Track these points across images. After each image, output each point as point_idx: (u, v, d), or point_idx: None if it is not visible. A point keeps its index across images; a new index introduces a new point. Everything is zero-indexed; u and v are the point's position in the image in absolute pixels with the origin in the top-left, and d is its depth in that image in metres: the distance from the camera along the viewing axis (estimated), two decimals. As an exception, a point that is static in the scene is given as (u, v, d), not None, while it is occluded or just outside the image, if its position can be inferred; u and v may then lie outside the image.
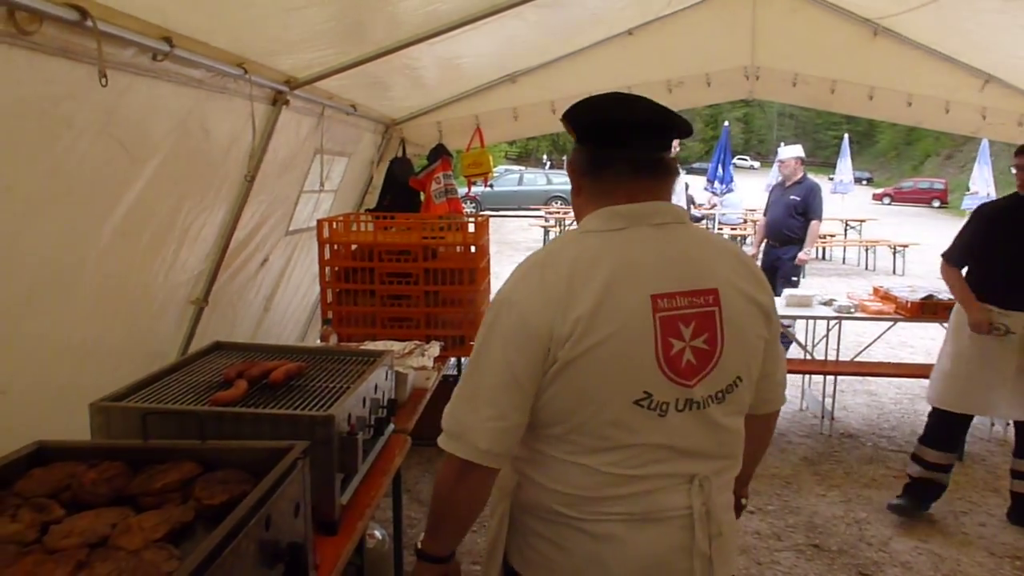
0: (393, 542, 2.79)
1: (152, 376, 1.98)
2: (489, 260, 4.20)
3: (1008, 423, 4.78)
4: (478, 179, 5.44)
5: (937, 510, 3.89)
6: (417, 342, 3.39)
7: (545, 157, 39.62)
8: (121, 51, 2.00)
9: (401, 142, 5.24)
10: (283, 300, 4.19)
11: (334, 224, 3.78)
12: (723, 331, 1.35)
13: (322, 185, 4.07)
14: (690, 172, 27.95)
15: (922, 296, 4.88)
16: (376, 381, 2.17)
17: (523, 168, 29.31)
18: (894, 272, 13.62)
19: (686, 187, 10.47)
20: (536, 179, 25.80)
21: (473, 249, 3.81)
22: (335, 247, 3.79)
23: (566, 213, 16.73)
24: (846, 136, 18.54)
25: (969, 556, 3.53)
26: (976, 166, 14.29)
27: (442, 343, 3.53)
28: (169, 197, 2.54)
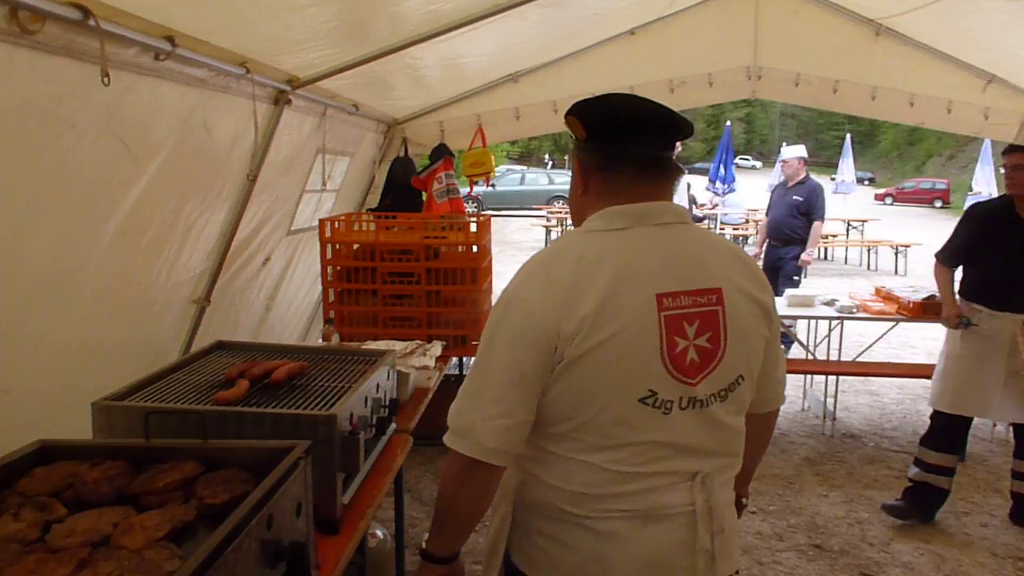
0: (395, 542, 2.79)
1: (154, 375, 1.98)
2: (491, 260, 4.20)
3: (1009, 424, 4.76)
4: (480, 179, 5.45)
5: (939, 511, 3.88)
6: (419, 342, 3.40)
7: (547, 157, 39.62)
8: (124, 50, 2.00)
9: (403, 142, 5.24)
10: (285, 299, 4.20)
11: (336, 224, 3.78)
12: (726, 330, 1.36)
13: (324, 185, 4.08)
14: (692, 172, 27.89)
15: (924, 296, 4.87)
16: (378, 381, 2.16)
17: (525, 168, 29.28)
18: (896, 272, 13.61)
19: (688, 187, 10.48)
20: (538, 179, 25.79)
21: (475, 249, 3.81)
22: (337, 247, 3.79)
23: (568, 213, 16.64)
24: (848, 136, 18.49)
25: (971, 557, 3.52)
26: (978, 166, 14.22)
27: (444, 343, 3.53)
28: (171, 196, 2.54)
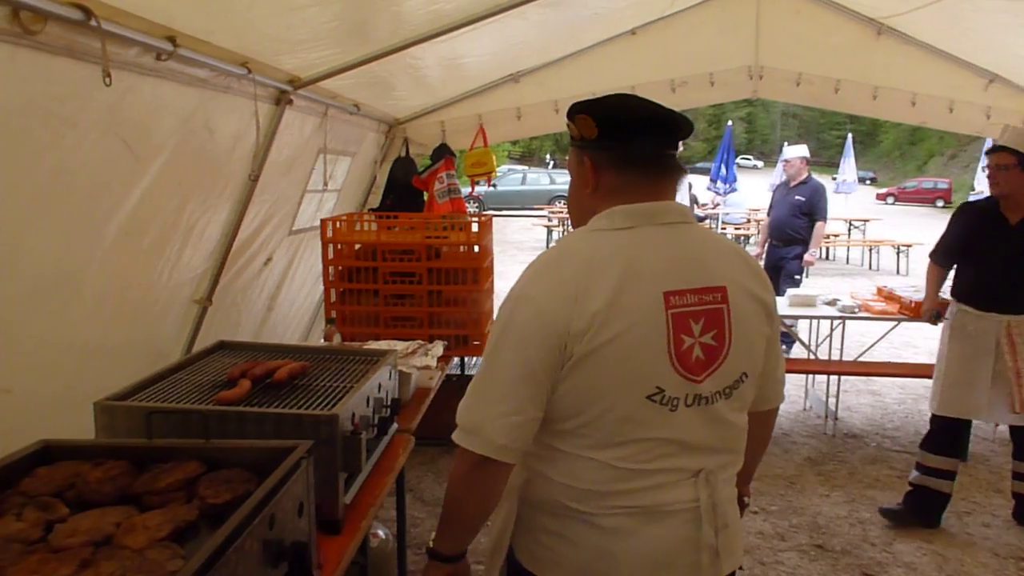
0: (396, 541, 2.79)
1: (156, 375, 1.98)
2: (492, 260, 4.20)
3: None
4: (481, 179, 5.45)
5: (942, 515, 3.86)
6: (420, 342, 3.40)
7: (548, 157, 39.60)
8: (125, 51, 2.00)
9: (404, 142, 5.24)
10: (287, 299, 4.20)
11: (338, 223, 3.79)
12: (731, 328, 1.37)
13: (325, 185, 4.08)
14: (693, 172, 27.86)
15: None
16: (379, 380, 2.16)
17: (526, 168, 29.30)
18: (898, 272, 13.59)
19: (689, 187, 10.48)
20: (539, 179, 25.79)
21: (476, 249, 3.81)
22: (338, 246, 3.80)
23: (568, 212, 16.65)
24: (849, 136, 18.44)
25: (973, 557, 3.52)
26: (980, 166, 14.22)
27: (445, 343, 3.53)
28: (173, 196, 2.54)
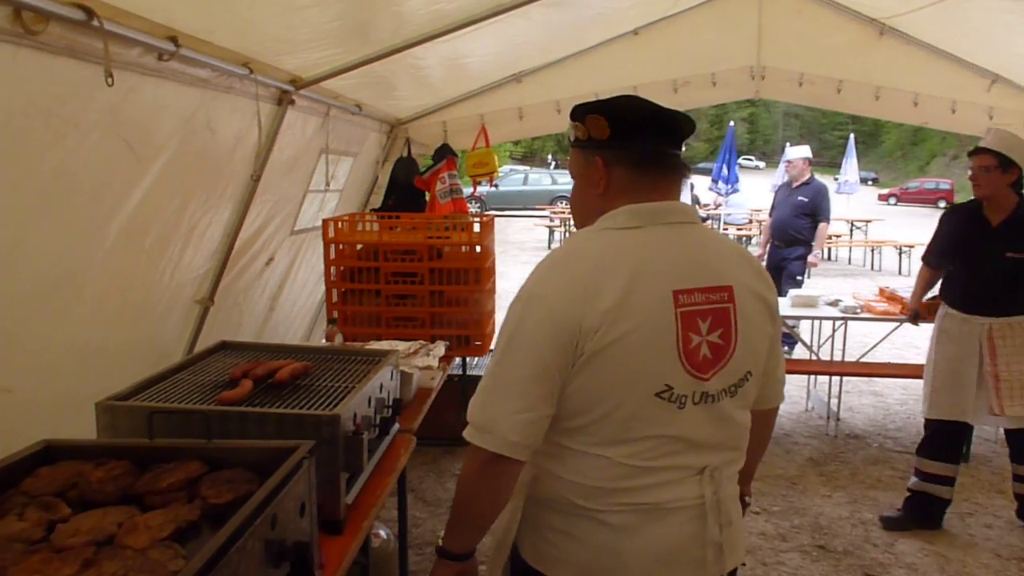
0: (398, 542, 2.79)
1: (158, 375, 1.98)
2: (494, 260, 4.20)
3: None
4: (483, 179, 5.44)
5: (943, 518, 3.85)
6: (422, 342, 3.40)
7: (550, 157, 39.58)
8: (127, 51, 2.00)
9: (406, 142, 5.24)
10: (288, 299, 4.20)
11: (339, 224, 3.79)
12: (737, 327, 1.39)
13: (327, 185, 4.08)
14: (695, 172, 27.68)
15: (928, 297, 4.85)
16: (381, 381, 2.17)
17: (528, 168, 29.29)
18: (900, 273, 13.56)
19: (691, 187, 10.47)
20: (541, 179, 25.78)
21: (478, 249, 3.81)
22: (340, 247, 3.80)
23: (571, 213, 16.65)
24: (851, 136, 18.40)
25: (975, 558, 3.51)
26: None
27: (447, 343, 3.53)
28: (175, 197, 2.55)
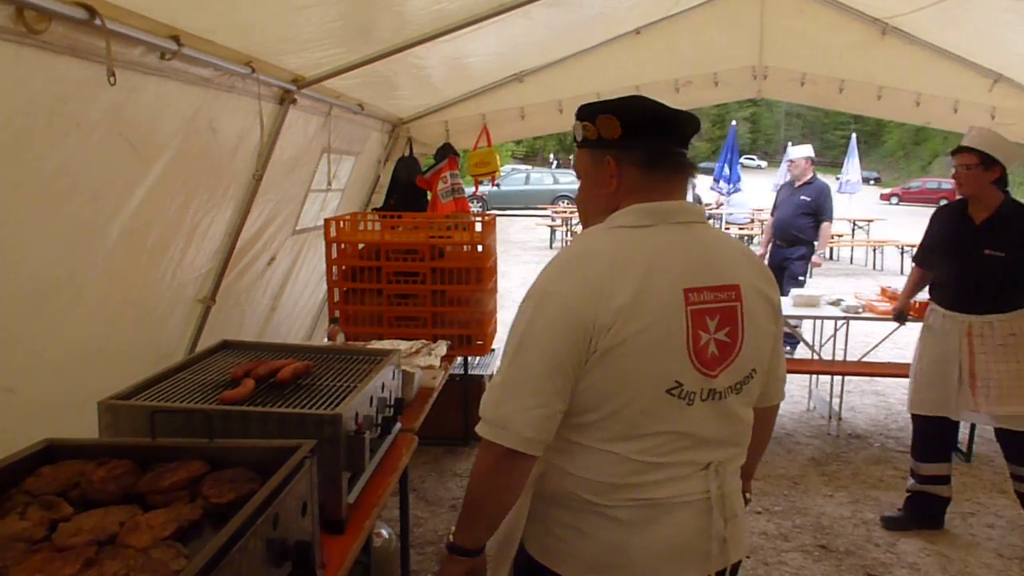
0: (400, 541, 2.79)
1: (160, 375, 1.99)
2: (496, 259, 4.20)
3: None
4: (485, 178, 5.44)
5: (945, 516, 3.85)
6: (424, 341, 3.40)
7: (552, 156, 39.61)
8: (129, 50, 2.00)
9: (408, 141, 5.24)
10: (290, 299, 4.20)
11: (341, 223, 3.79)
12: (743, 325, 1.41)
13: (329, 184, 4.08)
14: (697, 171, 27.83)
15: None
16: (383, 380, 2.17)
17: (530, 167, 29.32)
18: (902, 272, 13.52)
19: (693, 187, 10.46)
20: (543, 178, 25.79)
21: (480, 248, 3.81)
22: (342, 246, 3.80)
23: (573, 212, 16.67)
24: (853, 136, 18.38)
25: (977, 558, 3.51)
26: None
27: (449, 342, 3.53)
28: (177, 196, 2.55)
